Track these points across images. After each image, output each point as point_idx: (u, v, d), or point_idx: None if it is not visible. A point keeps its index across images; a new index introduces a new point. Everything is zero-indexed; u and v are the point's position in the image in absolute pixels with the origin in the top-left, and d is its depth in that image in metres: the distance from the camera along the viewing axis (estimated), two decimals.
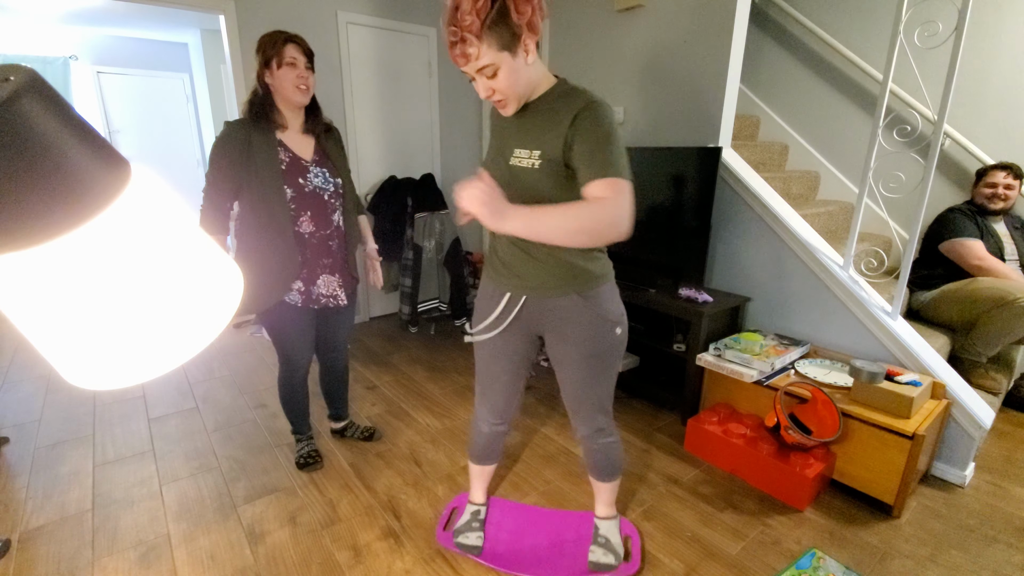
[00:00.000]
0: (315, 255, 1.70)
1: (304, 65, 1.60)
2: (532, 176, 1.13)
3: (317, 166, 1.68)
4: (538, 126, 1.13)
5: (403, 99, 3.59)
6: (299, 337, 1.79)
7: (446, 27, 1.01)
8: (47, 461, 2.06)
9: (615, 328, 1.28)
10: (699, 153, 2.23)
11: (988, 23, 2.47)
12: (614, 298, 1.29)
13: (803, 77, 3.14)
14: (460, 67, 1.06)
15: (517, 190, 1.15)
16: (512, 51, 1.03)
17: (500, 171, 1.19)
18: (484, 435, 1.55)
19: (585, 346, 1.27)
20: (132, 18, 4.53)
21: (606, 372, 1.32)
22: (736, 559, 1.57)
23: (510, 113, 1.15)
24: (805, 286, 2.19)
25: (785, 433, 1.81)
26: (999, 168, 2.36)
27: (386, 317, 3.84)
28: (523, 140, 1.15)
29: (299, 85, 1.58)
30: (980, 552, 1.61)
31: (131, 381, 0.32)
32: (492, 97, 1.10)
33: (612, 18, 2.75)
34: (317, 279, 1.73)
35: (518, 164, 1.15)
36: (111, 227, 0.28)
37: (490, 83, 1.07)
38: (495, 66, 1.03)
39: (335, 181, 1.72)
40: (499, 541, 1.64)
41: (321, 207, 1.68)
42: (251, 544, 1.63)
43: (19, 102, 0.24)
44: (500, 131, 1.23)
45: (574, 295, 1.24)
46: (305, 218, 1.66)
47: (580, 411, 1.38)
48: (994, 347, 2.18)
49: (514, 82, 1.07)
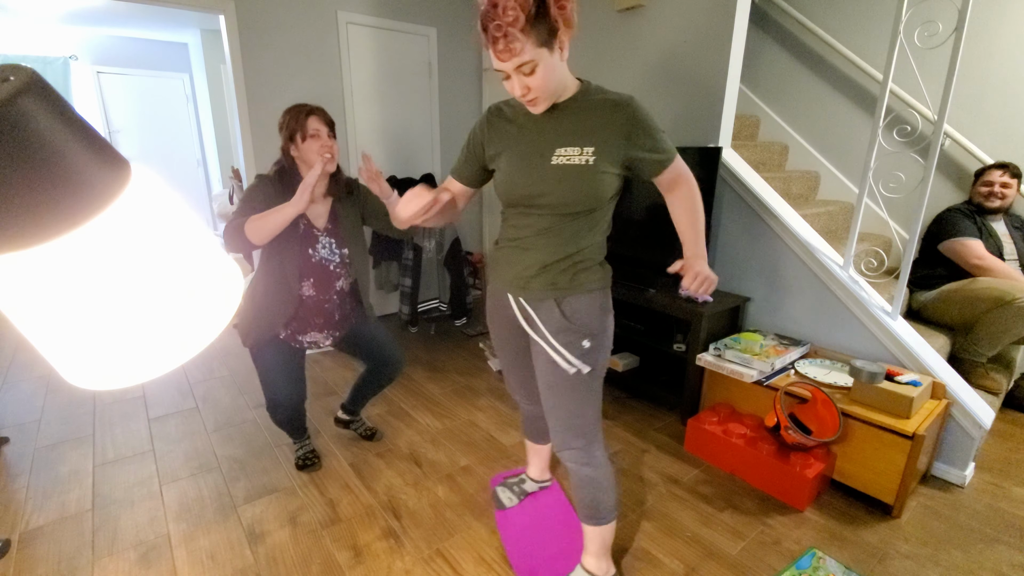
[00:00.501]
0: (309, 314, 1.78)
1: (327, 135, 1.66)
2: (584, 172, 1.13)
3: (327, 235, 1.74)
4: (585, 124, 1.14)
5: (403, 99, 3.59)
6: (283, 372, 1.80)
7: (484, 24, 0.99)
8: (47, 461, 2.06)
9: (583, 340, 1.22)
10: (699, 153, 2.23)
11: (988, 23, 2.47)
12: (592, 309, 1.24)
13: (803, 77, 3.14)
14: (501, 64, 1.03)
15: (565, 187, 1.14)
16: (550, 47, 1.03)
17: (540, 174, 1.16)
18: (525, 413, 1.63)
19: (546, 349, 1.26)
20: (132, 18, 4.53)
21: (572, 385, 1.25)
22: (736, 559, 1.57)
23: (540, 111, 1.14)
24: (805, 286, 2.19)
25: (785, 433, 1.81)
26: (996, 167, 2.37)
27: (386, 317, 3.84)
28: (568, 139, 1.14)
29: (323, 154, 1.62)
30: (980, 552, 1.61)
31: (131, 381, 0.32)
32: (526, 96, 1.09)
33: (612, 18, 2.75)
34: (306, 332, 1.81)
35: (567, 163, 1.14)
36: (111, 227, 0.28)
37: (527, 80, 1.05)
38: (534, 63, 1.02)
39: (340, 252, 1.76)
40: (524, 514, 1.72)
41: (325, 276, 1.74)
42: (251, 544, 1.63)
43: (19, 102, 0.24)
44: (528, 137, 1.19)
45: (551, 300, 1.24)
46: (308, 283, 1.73)
47: (549, 424, 1.33)
48: (994, 347, 2.18)
49: (550, 79, 1.06)
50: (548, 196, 1.16)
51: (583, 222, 1.20)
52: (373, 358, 1.99)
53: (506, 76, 1.06)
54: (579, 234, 1.20)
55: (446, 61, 3.70)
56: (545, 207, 1.18)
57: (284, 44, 3.02)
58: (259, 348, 1.77)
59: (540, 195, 1.17)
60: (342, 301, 1.83)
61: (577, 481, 1.34)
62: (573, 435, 1.30)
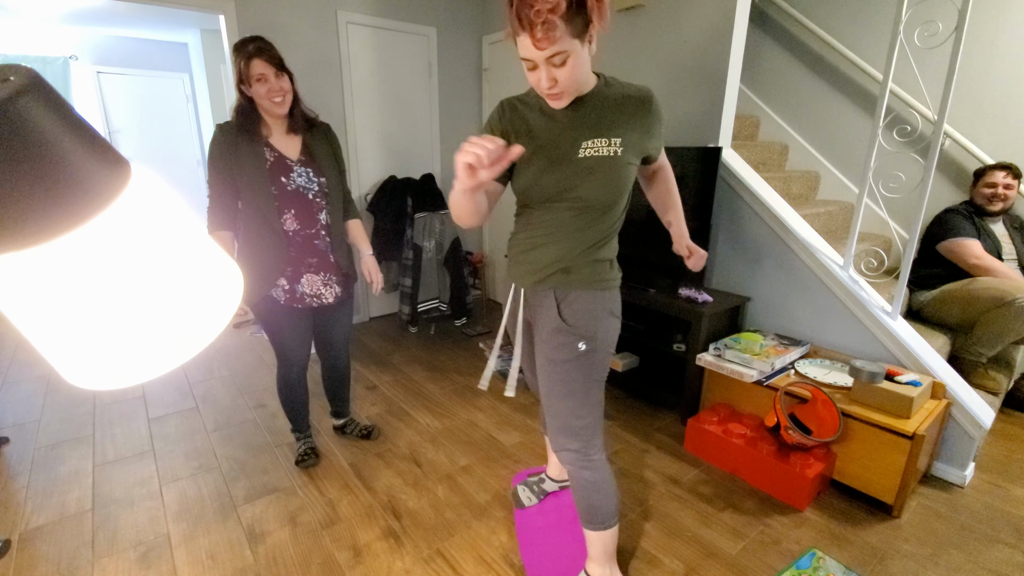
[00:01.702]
0: (300, 253, 1.72)
1: (274, 76, 1.58)
2: (613, 163, 1.13)
3: (302, 166, 1.70)
4: (610, 117, 1.15)
5: (403, 99, 3.59)
6: (292, 333, 1.82)
7: (521, 11, 0.96)
8: (47, 461, 2.06)
9: (578, 342, 1.20)
10: (699, 153, 2.23)
11: (988, 23, 2.47)
12: (592, 311, 1.21)
13: (803, 77, 3.14)
14: (536, 52, 0.99)
15: (593, 179, 1.14)
16: (582, 40, 1.02)
17: (567, 169, 1.15)
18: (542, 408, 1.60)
19: (544, 348, 1.26)
20: (132, 18, 4.53)
21: (567, 387, 1.23)
22: (736, 559, 1.57)
23: (562, 106, 1.12)
24: (805, 286, 2.19)
25: (785, 433, 1.81)
26: (998, 168, 2.35)
27: (386, 317, 3.84)
28: (595, 131, 1.14)
29: (272, 99, 1.59)
30: (980, 552, 1.61)
31: (131, 381, 0.32)
32: (552, 88, 1.06)
33: (612, 18, 2.75)
34: (301, 278, 1.75)
35: (595, 155, 1.13)
36: (111, 227, 0.28)
37: (556, 72, 1.03)
38: (567, 53, 1.00)
39: (319, 180, 1.73)
40: (541, 514, 1.73)
41: (305, 205, 1.70)
42: (251, 544, 1.63)
43: (19, 102, 0.24)
44: (549, 135, 1.17)
45: (551, 292, 1.23)
46: (289, 216, 1.68)
47: (547, 421, 1.33)
48: (994, 347, 2.18)
49: (578, 73, 1.05)
50: (576, 190, 1.15)
51: (602, 217, 1.19)
52: (319, 346, 2.01)
53: (532, 67, 1.04)
54: (597, 230, 1.20)
55: (446, 61, 3.70)
56: (570, 201, 1.17)
57: (284, 44, 2.99)
58: (265, 311, 1.75)
59: (568, 190, 1.16)
60: (332, 239, 1.78)
61: (575, 484, 1.32)
62: (569, 437, 1.27)
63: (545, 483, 1.82)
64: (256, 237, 1.68)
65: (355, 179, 3.48)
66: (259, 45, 1.57)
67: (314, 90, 3.18)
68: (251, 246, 1.70)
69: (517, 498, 1.78)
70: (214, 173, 1.64)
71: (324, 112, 3.25)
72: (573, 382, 1.23)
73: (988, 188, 2.35)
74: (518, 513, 1.74)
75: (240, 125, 1.62)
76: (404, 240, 3.32)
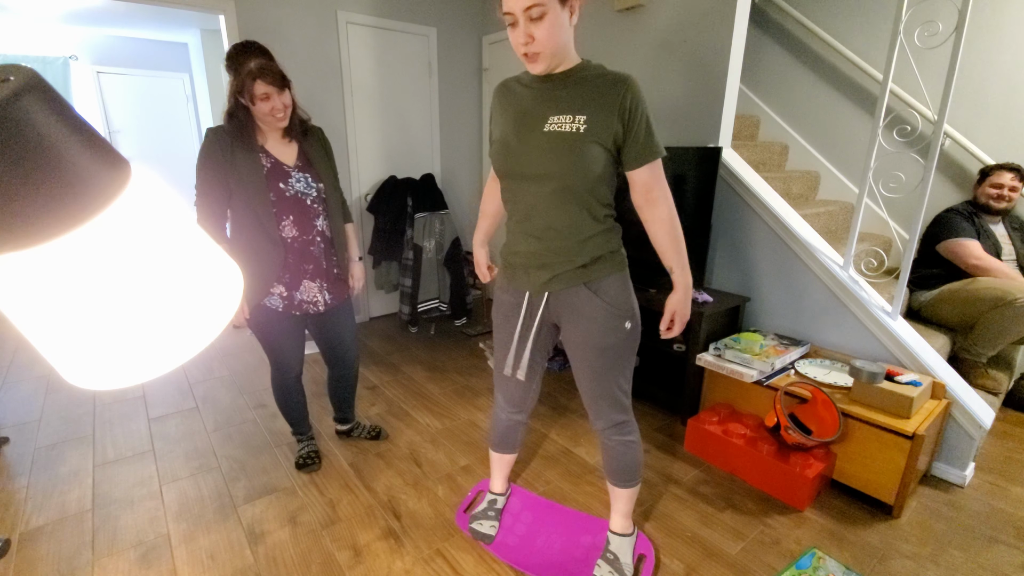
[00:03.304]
0: (297, 260, 1.71)
1: (277, 94, 1.55)
2: (574, 139, 1.14)
3: (299, 171, 1.68)
4: (580, 95, 1.15)
5: (403, 99, 3.59)
6: (289, 340, 1.80)
7: None
8: (47, 461, 2.06)
9: (624, 322, 1.28)
10: (699, 153, 2.23)
11: (988, 23, 2.47)
12: (624, 291, 1.29)
13: (803, 77, 3.14)
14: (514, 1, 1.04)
15: (554, 155, 1.16)
16: (562, 2, 1.06)
17: (532, 141, 1.18)
18: (502, 423, 1.59)
19: (595, 339, 1.28)
20: (132, 18, 4.53)
21: (618, 366, 1.32)
22: (736, 559, 1.57)
23: (538, 70, 1.15)
24: (805, 286, 2.19)
25: (785, 433, 1.81)
26: (1006, 169, 2.34)
27: (386, 317, 3.84)
28: (562, 107, 1.16)
29: (276, 115, 1.57)
30: (980, 552, 1.61)
31: (131, 381, 0.32)
32: (528, 47, 1.09)
33: (612, 18, 2.75)
34: (299, 284, 1.74)
35: (558, 129, 1.15)
36: (111, 227, 0.28)
37: (532, 27, 1.06)
38: (544, 7, 1.04)
39: (317, 186, 1.71)
40: (512, 532, 1.65)
41: (303, 212, 1.68)
42: (251, 544, 1.63)
43: (19, 102, 0.24)
44: (523, 105, 1.22)
45: (582, 287, 1.25)
46: (287, 222, 1.66)
47: (594, 405, 1.38)
48: (994, 347, 2.18)
49: (555, 35, 1.08)
50: (537, 165, 1.18)
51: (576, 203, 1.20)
52: (328, 355, 1.97)
53: (513, 22, 1.08)
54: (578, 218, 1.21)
55: (446, 61, 3.70)
56: (535, 179, 1.19)
57: (284, 44, 3.02)
58: (261, 320, 1.73)
59: (533, 164, 1.18)
60: (327, 247, 1.77)
61: (619, 450, 1.41)
62: (618, 410, 1.37)
63: (496, 502, 1.72)
64: (252, 245, 1.65)
65: (355, 179, 3.48)
66: (261, 64, 1.51)
67: (314, 90, 3.18)
68: (246, 254, 1.66)
69: (479, 535, 1.63)
70: (205, 182, 1.59)
71: (324, 112, 3.25)
72: (622, 359, 1.32)
73: (994, 188, 2.35)
74: (492, 548, 1.60)
75: (234, 131, 1.59)
76: (404, 240, 3.32)
